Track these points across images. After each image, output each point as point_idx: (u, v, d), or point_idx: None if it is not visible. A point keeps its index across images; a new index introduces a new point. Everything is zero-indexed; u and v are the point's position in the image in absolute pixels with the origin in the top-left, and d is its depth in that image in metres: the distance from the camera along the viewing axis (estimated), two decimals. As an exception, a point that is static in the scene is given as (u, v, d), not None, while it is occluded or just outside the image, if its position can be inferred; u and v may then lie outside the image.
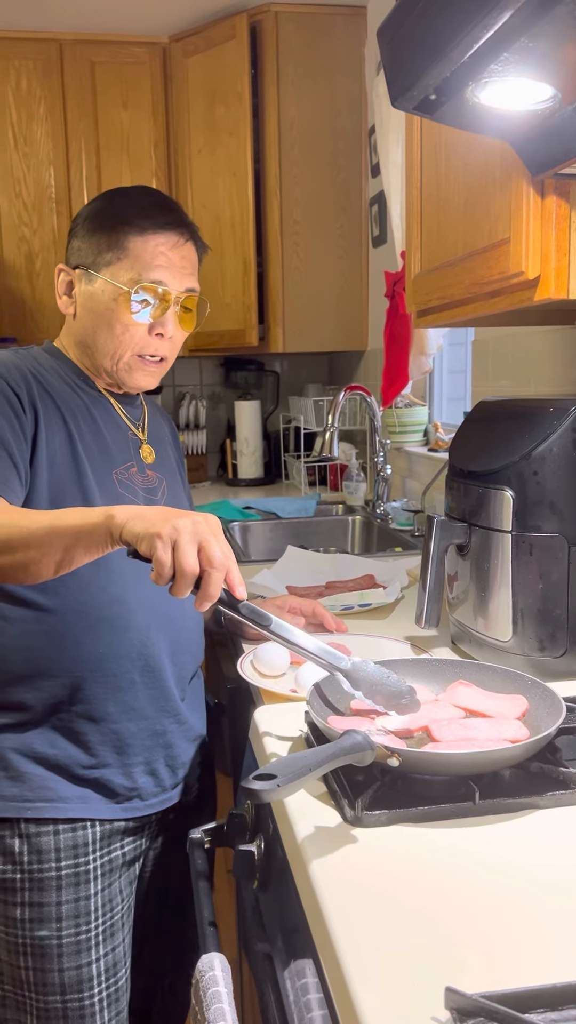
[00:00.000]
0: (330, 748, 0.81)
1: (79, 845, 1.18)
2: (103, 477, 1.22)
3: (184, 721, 1.27)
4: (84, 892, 1.18)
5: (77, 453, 1.20)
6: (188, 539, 0.90)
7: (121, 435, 1.29)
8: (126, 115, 3.20)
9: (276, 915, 0.91)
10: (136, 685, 1.21)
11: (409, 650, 1.31)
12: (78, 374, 1.28)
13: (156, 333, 1.24)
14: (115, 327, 1.23)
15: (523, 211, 1.04)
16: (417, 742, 0.95)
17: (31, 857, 1.17)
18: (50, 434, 1.18)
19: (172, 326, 1.25)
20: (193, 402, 3.55)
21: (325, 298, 3.10)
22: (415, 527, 2.32)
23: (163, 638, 1.23)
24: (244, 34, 2.91)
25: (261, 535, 2.53)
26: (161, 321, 1.24)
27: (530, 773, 0.90)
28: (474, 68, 0.81)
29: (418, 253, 1.43)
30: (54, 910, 1.17)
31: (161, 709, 1.24)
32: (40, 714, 1.18)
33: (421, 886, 0.74)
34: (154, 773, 1.24)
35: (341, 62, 2.99)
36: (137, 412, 1.35)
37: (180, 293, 1.25)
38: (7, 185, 3.17)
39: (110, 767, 1.20)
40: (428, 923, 0.69)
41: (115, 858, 1.22)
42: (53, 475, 1.17)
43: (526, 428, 1.17)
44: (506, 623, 1.19)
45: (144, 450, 1.32)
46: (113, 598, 1.19)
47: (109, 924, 1.21)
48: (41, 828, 1.17)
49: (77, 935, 1.18)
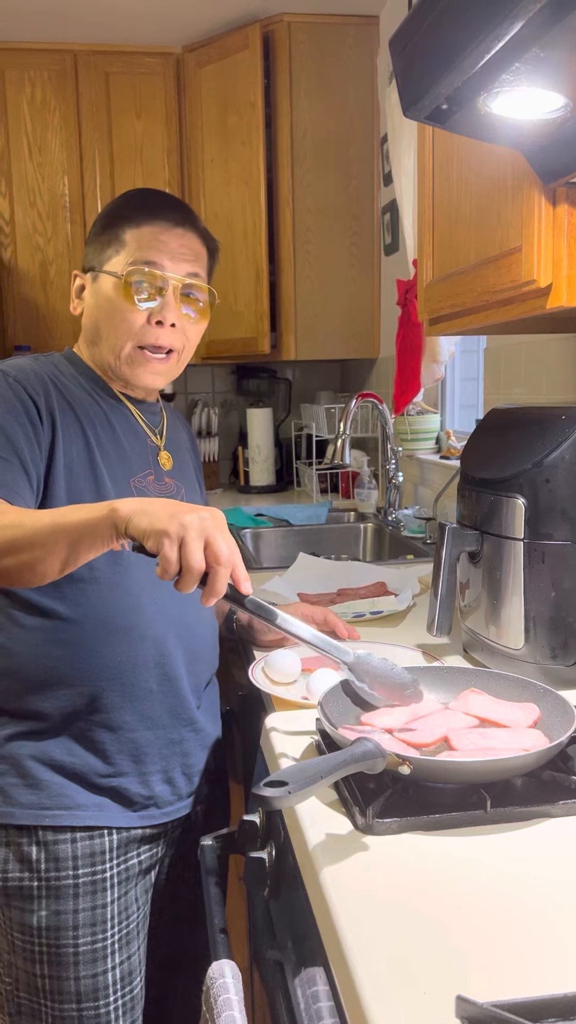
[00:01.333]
0: (341, 755, 0.81)
1: (96, 853, 1.18)
2: (121, 485, 1.22)
3: (200, 729, 1.28)
4: (101, 900, 1.18)
5: (95, 461, 1.20)
6: (195, 536, 0.90)
7: (140, 443, 1.29)
8: (140, 125, 3.23)
9: (287, 922, 0.91)
10: (153, 694, 1.21)
11: (421, 658, 1.30)
12: (95, 380, 1.28)
13: (156, 321, 1.22)
14: (114, 316, 1.22)
15: (535, 220, 1.05)
16: (434, 750, 0.95)
17: (48, 865, 1.17)
18: (68, 442, 1.18)
19: (173, 313, 1.22)
20: (205, 409, 3.56)
21: (337, 306, 3.11)
22: (427, 535, 2.31)
23: (180, 647, 1.23)
24: (257, 44, 2.93)
25: (273, 542, 2.53)
26: (160, 307, 1.21)
27: (542, 781, 0.90)
28: (486, 78, 0.81)
29: (430, 261, 1.43)
30: (71, 918, 1.17)
31: (178, 717, 1.24)
32: (58, 722, 1.18)
33: (432, 894, 0.74)
34: (171, 781, 1.24)
35: (353, 71, 3.00)
36: (156, 419, 1.35)
37: (179, 278, 1.23)
38: (22, 194, 3.20)
39: (127, 775, 1.20)
40: (439, 931, 0.69)
41: (132, 866, 1.22)
42: (71, 483, 1.17)
43: (538, 436, 1.17)
44: (518, 631, 1.18)
45: (162, 457, 1.32)
46: (130, 607, 1.19)
47: (125, 932, 1.21)
48: (59, 836, 1.17)
49: (93, 943, 1.18)
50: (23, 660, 1.18)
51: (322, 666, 1.21)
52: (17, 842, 1.17)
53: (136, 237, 1.23)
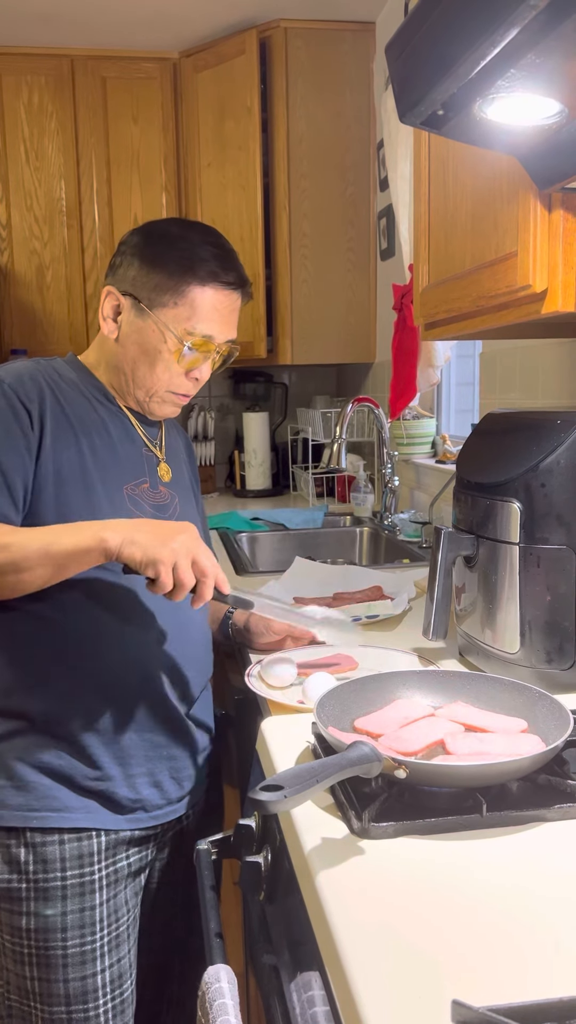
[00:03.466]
0: (337, 759, 0.81)
1: (84, 855, 1.18)
2: (113, 492, 1.23)
3: (189, 734, 1.27)
4: (89, 902, 1.18)
5: (87, 468, 1.20)
6: (184, 557, 1.05)
7: (136, 451, 1.30)
8: (136, 129, 3.24)
9: (282, 927, 0.91)
10: (138, 698, 1.21)
11: (416, 662, 1.30)
12: (99, 389, 1.28)
13: (193, 377, 1.28)
14: (157, 367, 1.25)
15: (530, 225, 1.05)
16: (429, 754, 0.95)
17: (36, 867, 1.17)
18: (58, 448, 1.19)
19: (207, 371, 1.29)
20: (202, 414, 3.56)
21: (333, 310, 3.11)
22: (423, 539, 2.32)
23: (167, 652, 1.23)
24: (254, 49, 2.94)
25: (269, 546, 2.54)
26: (200, 368, 1.28)
27: (537, 785, 0.90)
28: (481, 84, 0.81)
29: (426, 266, 1.44)
30: (59, 920, 1.17)
31: (165, 721, 1.24)
32: (43, 724, 1.18)
33: (428, 898, 0.74)
34: (158, 785, 1.24)
35: (350, 77, 3.01)
36: (154, 430, 1.36)
37: (223, 344, 1.28)
38: (19, 198, 3.20)
39: (113, 779, 1.20)
40: (435, 935, 0.69)
41: (120, 868, 1.22)
42: (60, 489, 1.17)
43: (534, 440, 1.17)
44: (514, 635, 1.19)
45: (162, 468, 1.33)
46: (118, 612, 1.19)
47: (115, 935, 1.21)
48: (47, 838, 1.17)
49: (82, 945, 1.17)
50: (8, 659, 1.19)
51: (318, 671, 1.21)
52: (5, 844, 1.17)
53: (201, 303, 1.23)
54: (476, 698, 1.07)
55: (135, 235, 1.27)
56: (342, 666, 1.27)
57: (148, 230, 1.28)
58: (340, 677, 1.18)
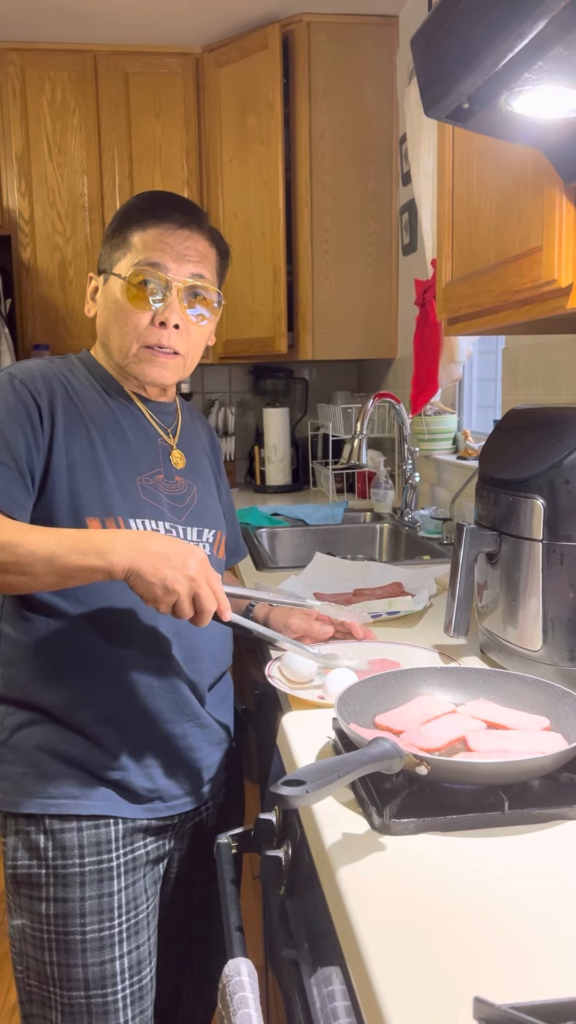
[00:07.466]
0: (358, 755, 0.81)
1: (102, 842, 1.19)
2: (126, 484, 1.23)
3: (206, 726, 1.28)
4: (108, 888, 1.19)
5: (99, 460, 1.21)
6: (185, 597, 1.06)
7: (149, 441, 1.30)
8: (159, 125, 3.24)
9: (303, 921, 0.91)
10: (153, 689, 1.22)
11: (437, 659, 1.30)
12: (107, 380, 1.30)
13: (159, 322, 1.23)
14: (121, 318, 1.24)
15: (556, 219, 1.04)
16: (450, 751, 0.95)
17: (55, 853, 1.18)
18: (70, 441, 1.20)
19: (177, 315, 1.23)
20: (222, 409, 3.57)
21: (354, 306, 3.10)
22: (443, 535, 2.31)
23: (180, 643, 1.24)
24: (276, 44, 2.93)
25: (289, 542, 2.54)
26: (164, 308, 1.22)
27: (559, 783, 0.89)
28: (508, 77, 0.81)
29: (449, 261, 1.43)
30: (78, 905, 1.18)
31: (180, 713, 1.24)
32: (59, 715, 1.20)
33: (449, 895, 0.73)
34: (175, 776, 1.25)
35: (372, 71, 3.00)
36: (169, 419, 1.36)
37: (183, 279, 1.23)
38: (41, 194, 3.22)
39: (129, 769, 1.21)
40: (456, 932, 0.68)
41: (139, 856, 1.23)
42: (73, 483, 1.18)
43: (557, 436, 1.16)
44: (536, 633, 1.18)
45: (174, 455, 1.33)
46: (131, 604, 1.20)
47: (134, 922, 1.22)
48: (65, 824, 1.18)
49: (101, 931, 1.19)
50: (24, 651, 1.21)
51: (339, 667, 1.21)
52: (25, 830, 1.19)
53: (142, 239, 1.24)
54: (498, 695, 1.07)
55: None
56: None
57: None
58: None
